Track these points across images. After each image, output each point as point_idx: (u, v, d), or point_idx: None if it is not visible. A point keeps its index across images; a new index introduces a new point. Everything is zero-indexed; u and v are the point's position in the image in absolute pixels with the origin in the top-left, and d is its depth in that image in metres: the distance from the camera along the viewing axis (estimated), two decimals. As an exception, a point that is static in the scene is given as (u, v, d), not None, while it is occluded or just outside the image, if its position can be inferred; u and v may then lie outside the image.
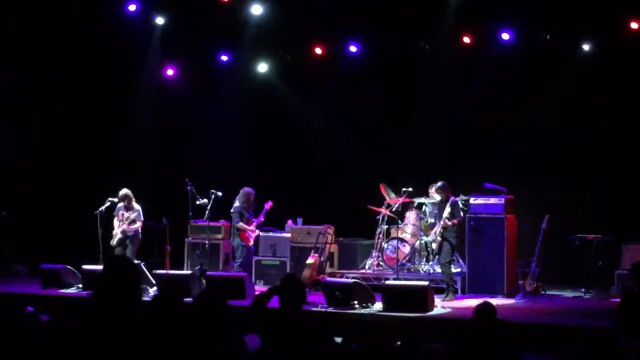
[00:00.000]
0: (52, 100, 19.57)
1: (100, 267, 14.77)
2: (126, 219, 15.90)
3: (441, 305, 13.65)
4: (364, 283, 13.98)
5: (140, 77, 19.44)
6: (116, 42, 18.69)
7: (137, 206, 16.05)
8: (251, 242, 16.16)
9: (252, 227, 16.06)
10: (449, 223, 14.52)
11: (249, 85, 19.08)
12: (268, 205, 16.08)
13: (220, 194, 16.05)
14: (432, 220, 15.68)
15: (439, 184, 14.77)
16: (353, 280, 14.11)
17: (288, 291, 7.03)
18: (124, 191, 16.01)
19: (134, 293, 5.38)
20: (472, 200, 15.56)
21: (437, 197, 15.09)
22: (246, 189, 16.10)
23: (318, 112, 18.58)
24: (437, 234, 14.64)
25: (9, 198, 19.12)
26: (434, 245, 15.10)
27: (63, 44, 18.86)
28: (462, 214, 14.89)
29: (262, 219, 16.19)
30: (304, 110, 18.80)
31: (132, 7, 18.85)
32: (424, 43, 17.67)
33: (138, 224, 15.98)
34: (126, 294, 5.30)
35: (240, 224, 15.99)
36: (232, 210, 16.10)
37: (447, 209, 14.50)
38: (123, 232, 15.93)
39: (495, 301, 11.74)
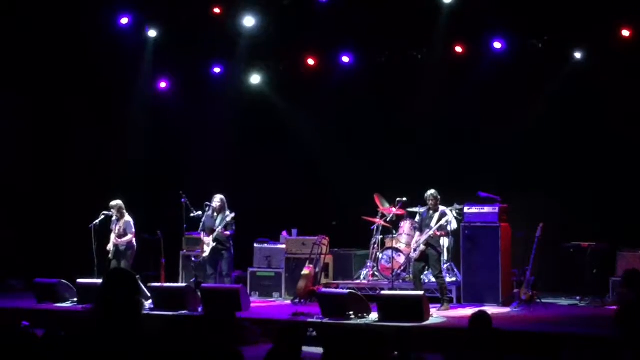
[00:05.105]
0: (46, 115, 19.50)
1: (95, 280, 14.79)
2: (116, 232, 15.87)
3: (437, 315, 13.64)
4: (359, 293, 13.99)
5: (133, 90, 19.39)
6: (109, 55, 18.67)
7: (128, 218, 15.96)
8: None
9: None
10: (439, 233, 14.49)
11: (242, 96, 19.05)
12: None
13: (214, 205, 16.02)
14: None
15: (431, 191, 14.65)
16: (348, 290, 14.12)
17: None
18: (115, 202, 15.96)
19: (133, 304, 5.38)
20: (466, 209, 15.56)
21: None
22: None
23: (311, 122, 18.54)
24: (422, 242, 14.55)
25: (2, 213, 19.07)
26: (412, 254, 14.83)
27: (55, 57, 18.81)
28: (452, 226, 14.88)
29: None
30: (297, 121, 18.76)
31: (124, 20, 18.82)
32: (416, 53, 17.67)
33: (129, 237, 15.86)
34: (125, 305, 5.30)
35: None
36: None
37: (436, 218, 14.48)
38: (115, 244, 15.88)
39: (490, 310, 11.73)
